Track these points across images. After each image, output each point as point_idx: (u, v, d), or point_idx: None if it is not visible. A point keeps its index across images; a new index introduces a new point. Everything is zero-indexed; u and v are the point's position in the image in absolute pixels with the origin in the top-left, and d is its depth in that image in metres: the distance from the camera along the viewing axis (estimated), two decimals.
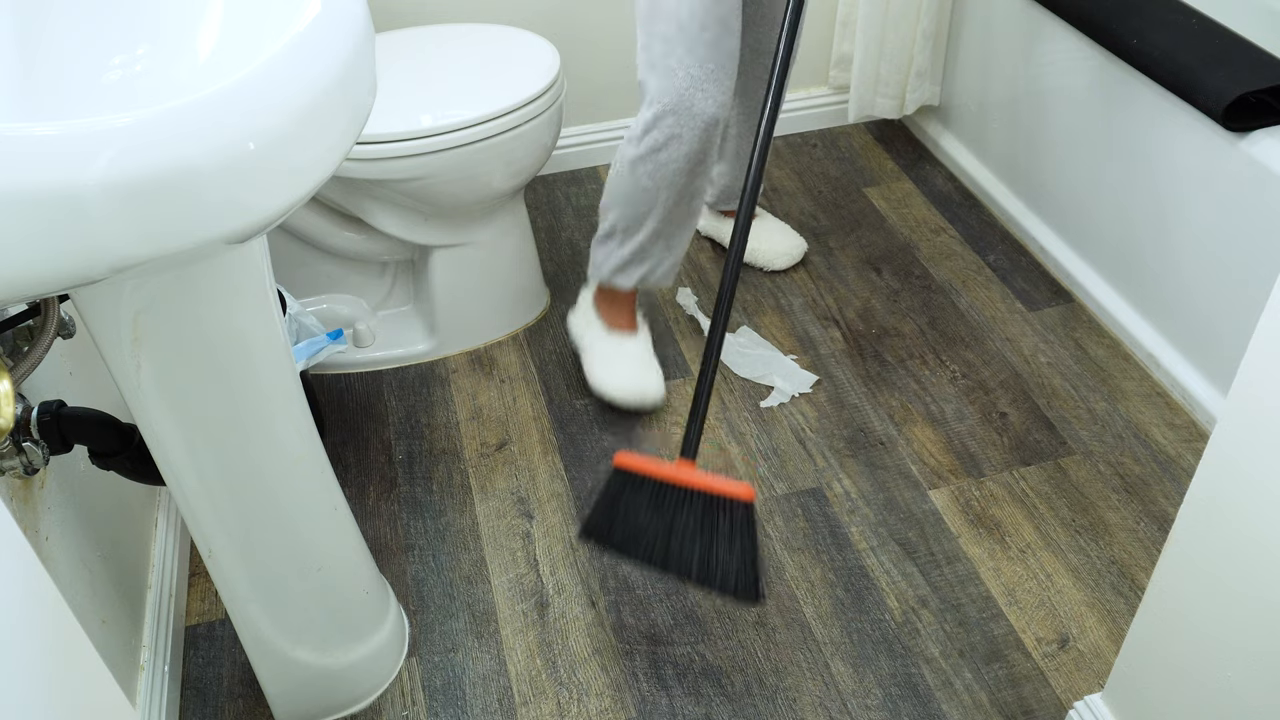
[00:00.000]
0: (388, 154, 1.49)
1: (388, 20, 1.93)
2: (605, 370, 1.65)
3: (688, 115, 1.42)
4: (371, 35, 0.85)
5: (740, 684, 1.31)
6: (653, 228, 1.54)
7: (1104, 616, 1.37)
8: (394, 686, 1.32)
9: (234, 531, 1.08)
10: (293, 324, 1.46)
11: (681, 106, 1.41)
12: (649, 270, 1.60)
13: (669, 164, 1.46)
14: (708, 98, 1.41)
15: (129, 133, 0.64)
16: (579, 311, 1.73)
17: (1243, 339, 1.44)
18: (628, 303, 1.67)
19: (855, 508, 1.51)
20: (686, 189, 1.50)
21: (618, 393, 1.64)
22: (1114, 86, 1.66)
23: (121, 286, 0.85)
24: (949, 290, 1.88)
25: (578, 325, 1.73)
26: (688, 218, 1.55)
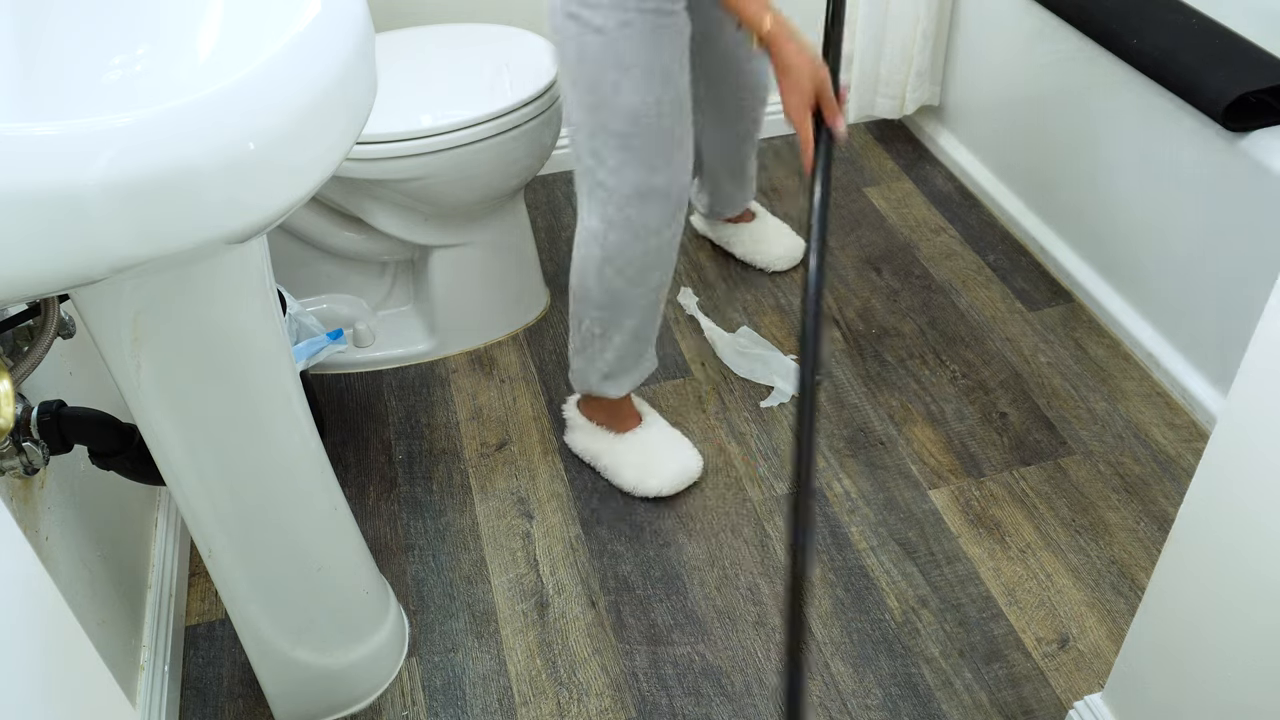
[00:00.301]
0: (388, 154, 1.49)
1: (388, 20, 1.93)
2: (639, 473, 1.52)
3: (656, 204, 1.31)
4: (371, 35, 0.85)
5: (740, 684, 1.31)
6: (633, 327, 1.43)
7: (1104, 616, 1.37)
8: (394, 686, 1.32)
9: (234, 531, 1.08)
10: (293, 324, 1.46)
11: (648, 198, 1.30)
12: (639, 371, 1.50)
13: (640, 259, 1.35)
14: (673, 182, 1.30)
15: (129, 133, 0.64)
16: (575, 429, 1.59)
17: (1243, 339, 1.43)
18: (622, 400, 1.55)
19: (855, 508, 1.51)
20: (663, 278, 1.40)
21: (665, 488, 1.52)
22: (1114, 86, 1.66)
23: (121, 286, 0.85)
24: (949, 290, 1.88)
25: (581, 441, 1.58)
26: (663, 301, 1.45)
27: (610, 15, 1.19)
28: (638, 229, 1.32)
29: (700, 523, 1.50)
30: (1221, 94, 1.44)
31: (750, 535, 1.48)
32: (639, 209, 1.31)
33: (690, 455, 1.54)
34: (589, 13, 1.19)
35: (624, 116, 1.24)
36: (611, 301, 1.39)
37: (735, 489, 1.55)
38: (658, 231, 1.34)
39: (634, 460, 1.53)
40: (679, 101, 1.27)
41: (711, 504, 1.53)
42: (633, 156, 1.27)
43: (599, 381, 1.49)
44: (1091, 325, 1.80)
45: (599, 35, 1.20)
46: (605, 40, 1.20)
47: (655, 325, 1.47)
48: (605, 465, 1.55)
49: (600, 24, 1.19)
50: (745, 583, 1.42)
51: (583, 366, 1.50)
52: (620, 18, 1.19)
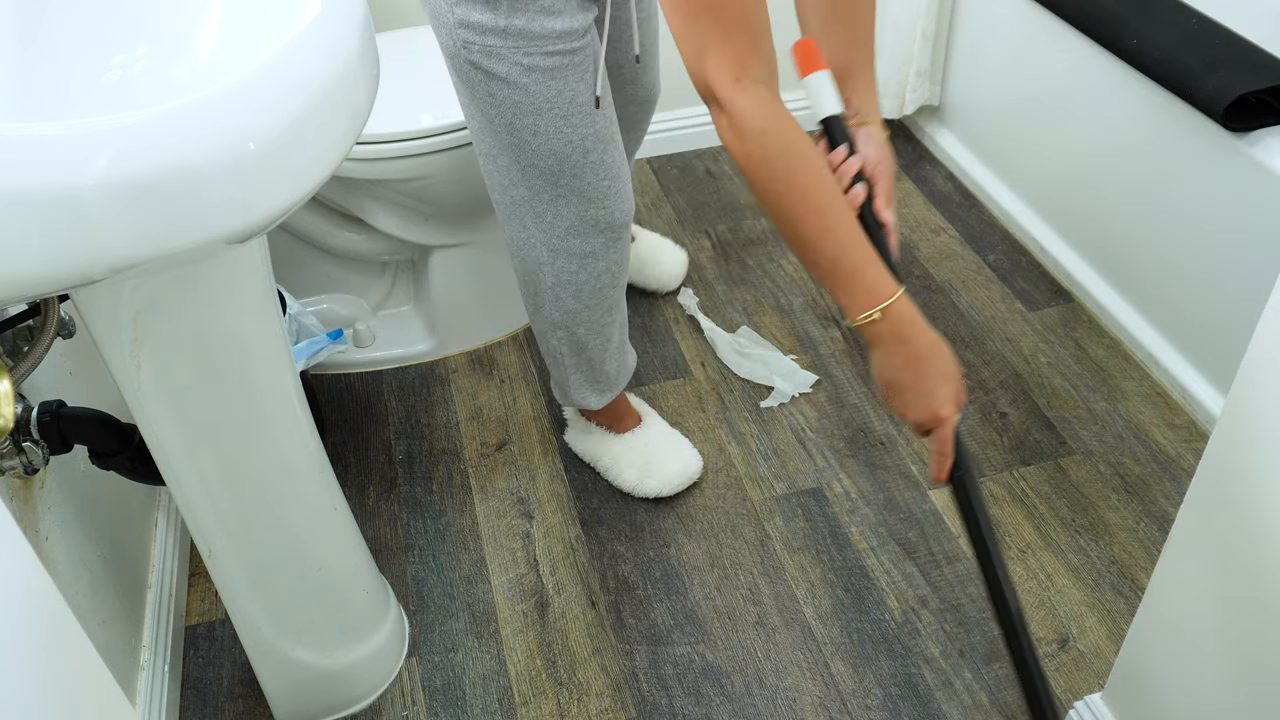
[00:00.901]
0: (388, 154, 1.49)
1: (388, 20, 1.93)
2: (639, 472, 1.52)
3: (605, 230, 1.27)
4: (372, 35, 0.85)
5: (740, 684, 1.31)
6: (599, 345, 1.41)
7: (1104, 616, 1.37)
8: (394, 686, 1.32)
9: (234, 531, 1.08)
10: (293, 324, 1.46)
11: (594, 228, 1.26)
12: (619, 379, 1.48)
13: (591, 283, 1.32)
14: (614, 210, 1.26)
15: (129, 133, 0.64)
16: (575, 429, 1.58)
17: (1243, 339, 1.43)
18: (618, 400, 1.53)
19: (855, 508, 1.51)
20: (618, 294, 1.37)
21: (665, 488, 1.51)
22: (1114, 86, 1.66)
23: (121, 286, 0.85)
24: (949, 290, 1.88)
25: (580, 442, 1.58)
26: (621, 310, 1.41)
27: (513, 63, 1.12)
28: (583, 257, 1.29)
29: (700, 523, 1.50)
30: (1221, 94, 1.44)
31: (750, 535, 1.48)
32: (581, 239, 1.27)
33: (690, 455, 1.54)
34: (491, 62, 1.12)
35: (549, 158, 1.19)
36: (570, 321, 1.36)
37: (735, 489, 1.55)
38: (603, 256, 1.30)
39: (634, 460, 1.53)
40: (604, 133, 1.21)
41: (711, 504, 1.53)
42: (566, 192, 1.22)
43: (578, 397, 1.48)
44: (1091, 325, 1.80)
45: (505, 84, 1.14)
46: (513, 88, 1.14)
47: (623, 326, 1.44)
48: (605, 466, 1.55)
49: (505, 73, 1.13)
50: (745, 583, 1.42)
51: (560, 381, 1.48)
52: (524, 63, 1.12)
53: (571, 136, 1.18)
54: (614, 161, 1.24)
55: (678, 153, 2.27)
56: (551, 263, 1.30)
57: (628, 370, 1.49)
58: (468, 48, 1.12)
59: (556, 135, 1.17)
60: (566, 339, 1.39)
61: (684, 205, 2.12)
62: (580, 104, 1.17)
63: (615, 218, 1.27)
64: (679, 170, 2.22)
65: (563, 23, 1.12)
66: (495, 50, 1.12)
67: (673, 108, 2.22)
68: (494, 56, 1.12)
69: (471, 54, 1.13)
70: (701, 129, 2.26)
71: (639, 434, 1.54)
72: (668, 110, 2.22)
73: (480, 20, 1.10)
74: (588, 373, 1.44)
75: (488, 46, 1.11)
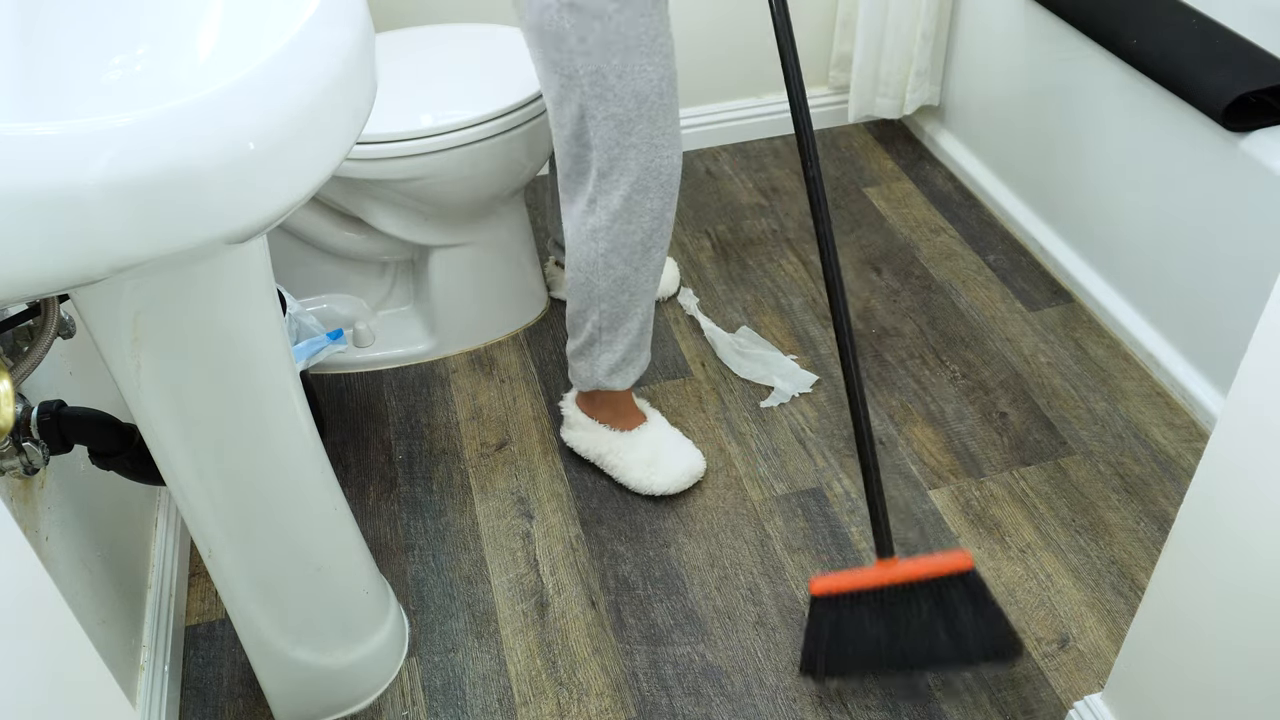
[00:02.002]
0: (388, 154, 1.49)
1: (388, 20, 1.93)
2: (644, 471, 1.52)
3: (665, 182, 1.31)
4: (371, 35, 0.85)
5: (740, 684, 1.31)
6: (640, 312, 1.43)
7: (1104, 616, 1.37)
8: (394, 686, 1.32)
9: (234, 531, 1.08)
10: (293, 324, 1.46)
11: (655, 179, 1.30)
12: (642, 360, 1.49)
13: (644, 241, 1.35)
14: (673, 156, 1.31)
15: (129, 133, 0.64)
16: (576, 427, 1.58)
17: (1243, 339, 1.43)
18: (626, 393, 1.54)
19: (855, 508, 1.51)
20: (664, 255, 1.40)
21: (671, 487, 1.51)
22: (1114, 86, 1.66)
23: (121, 286, 0.85)
24: (949, 290, 1.88)
25: (582, 440, 1.57)
26: (657, 286, 1.44)
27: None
28: (641, 213, 1.32)
29: (700, 523, 1.50)
30: (1221, 94, 1.44)
31: (750, 535, 1.48)
32: (643, 193, 1.31)
33: (695, 454, 1.54)
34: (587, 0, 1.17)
35: (630, 100, 1.24)
36: (618, 290, 1.39)
37: (735, 489, 1.55)
38: (660, 213, 1.34)
39: (640, 457, 1.53)
40: (674, 75, 1.27)
41: (711, 504, 1.53)
42: (637, 141, 1.27)
43: (606, 376, 1.48)
44: (1091, 325, 1.80)
45: (599, 20, 1.18)
46: (607, 24, 1.19)
47: (653, 311, 1.47)
48: (610, 463, 1.55)
49: (600, 8, 1.17)
50: (745, 583, 1.42)
51: (586, 369, 1.49)
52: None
53: (653, 75, 1.23)
54: (677, 106, 1.30)
55: None
56: (610, 226, 1.33)
57: (648, 357, 1.51)
58: None
59: (640, 74, 1.23)
60: (610, 311, 1.41)
61: (684, 205, 2.12)
62: (661, 41, 1.23)
63: (673, 165, 1.32)
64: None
65: None
66: None
67: None
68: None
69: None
70: (702, 129, 2.27)
71: (645, 431, 1.55)
72: None
73: None
74: (621, 350, 1.46)
75: None
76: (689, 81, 2.19)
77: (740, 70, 2.24)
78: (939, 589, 1.21)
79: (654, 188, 1.31)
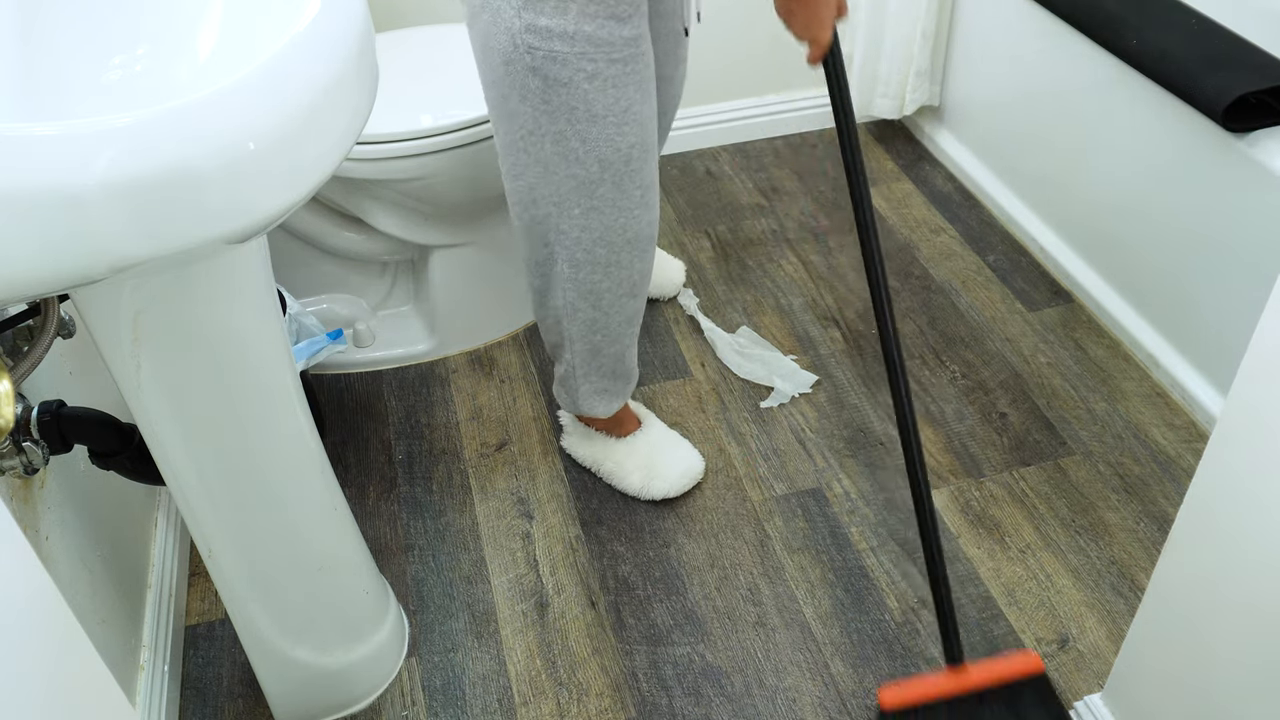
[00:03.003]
0: (388, 154, 1.49)
1: (388, 20, 1.93)
2: (643, 475, 1.51)
3: (631, 241, 1.26)
4: (372, 35, 0.85)
5: (740, 684, 1.31)
6: (615, 352, 1.40)
7: (1104, 616, 1.37)
8: (394, 686, 1.32)
9: (234, 531, 1.08)
10: (293, 324, 1.46)
11: (620, 238, 1.25)
12: (627, 388, 1.47)
13: (613, 292, 1.31)
14: (642, 221, 1.26)
15: (129, 133, 0.64)
16: (573, 435, 1.57)
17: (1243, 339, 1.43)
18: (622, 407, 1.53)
19: (855, 508, 1.51)
20: (640, 304, 1.38)
21: (671, 491, 1.51)
22: (1114, 86, 1.66)
23: (121, 286, 0.85)
24: (949, 290, 1.88)
25: (579, 447, 1.57)
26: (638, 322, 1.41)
27: (577, 69, 1.12)
28: (609, 266, 1.28)
29: (700, 523, 1.50)
30: (1221, 94, 1.44)
31: (750, 535, 1.48)
32: (608, 249, 1.26)
33: (693, 456, 1.54)
34: (555, 68, 1.12)
35: (593, 165, 1.19)
36: (589, 332, 1.36)
37: (735, 489, 1.55)
38: (630, 266, 1.30)
39: (638, 464, 1.52)
40: (649, 142, 1.22)
41: (711, 504, 1.53)
42: (600, 204, 1.22)
43: (587, 405, 1.47)
44: (1091, 325, 1.80)
45: (566, 89, 1.13)
46: (573, 93, 1.14)
47: (636, 336, 1.43)
48: (608, 470, 1.54)
49: (567, 79, 1.12)
50: (745, 583, 1.42)
51: (568, 393, 1.47)
52: (589, 69, 1.12)
53: (620, 144, 1.18)
54: (652, 171, 1.24)
55: (678, 153, 2.27)
56: (575, 277, 1.29)
57: (633, 382, 1.49)
58: (532, 53, 1.11)
59: (607, 143, 1.17)
60: (584, 350, 1.38)
61: (684, 205, 2.12)
62: (634, 112, 1.18)
63: (644, 229, 1.27)
64: (679, 170, 2.22)
65: (629, 29, 1.13)
66: (560, 56, 1.11)
67: None
68: (558, 62, 1.12)
69: (535, 59, 1.12)
70: (702, 129, 2.26)
71: (640, 437, 1.54)
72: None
73: (549, 25, 1.10)
74: (599, 383, 1.44)
75: (553, 52, 1.11)
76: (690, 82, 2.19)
77: (741, 70, 2.24)
78: (1012, 694, 1.17)
79: (620, 245, 1.26)
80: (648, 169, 1.23)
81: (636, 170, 1.21)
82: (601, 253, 1.26)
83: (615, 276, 1.30)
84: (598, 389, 1.45)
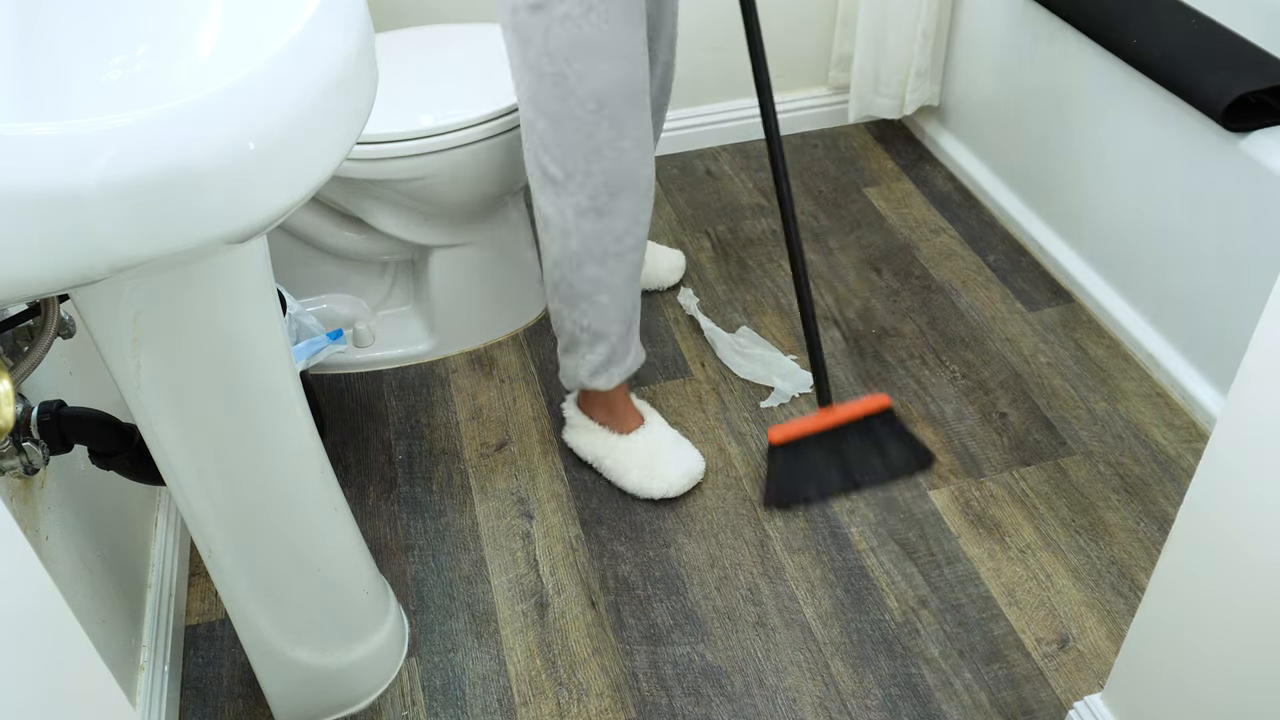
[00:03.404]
0: (388, 154, 1.49)
1: (388, 20, 1.93)
2: (643, 474, 1.52)
3: (633, 186, 1.31)
4: (371, 35, 0.85)
5: (740, 684, 1.31)
6: (621, 317, 1.43)
7: (1104, 616, 1.37)
8: (394, 686, 1.32)
9: (234, 531, 1.08)
10: (293, 324, 1.46)
11: (622, 183, 1.30)
12: (630, 360, 1.50)
13: (616, 244, 1.35)
14: (640, 163, 1.31)
15: (129, 133, 0.64)
16: (575, 428, 1.58)
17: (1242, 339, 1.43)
18: (621, 395, 1.54)
19: (855, 508, 1.51)
20: (640, 257, 1.41)
21: (670, 489, 1.52)
22: (1114, 86, 1.67)
23: (121, 286, 0.85)
24: (949, 290, 1.88)
25: (582, 441, 1.58)
26: (638, 283, 1.44)
27: (576, 1, 1.19)
28: (610, 215, 1.33)
29: (700, 523, 1.50)
30: (1221, 94, 1.44)
31: (750, 535, 1.48)
32: (611, 196, 1.31)
33: (694, 456, 1.54)
34: (555, 2, 1.19)
35: (590, 102, 1.24)
36: (594, 290, 1.39)
37: (735, 489, 1.55)
38: (632, 216, 1.34)
39: (638, 461, 1.52)
40: (641, 82, 1.27)
41: (711, 504, 1.53)
42: (601, 143, 1.27)
43: (589, 377, 1.49)
44: (1091, 325, 1.80)
45: (565, 23, 1.20)
46: (572, 27, 1.20)
47: (638, 308, 1.47)
48: (608, 466, 1.55)
49: (566, 11, 1.19)
50: (745, 583, 1.42)
51: (572, 367, 1.49)
52: (587, 2, 1.19)
53: (613, 76, 1.24)
54: (645, 119, 1.30)
55: (678, 153, 2.27)
56: (578, 226, 1.34)
57: (638, 357, 1.52)
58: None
59: (600, 76, 1.23)
60: (588, 312, 1.42)
61: (684, 205, 2.12)
62: (628, 47, 1.24)
63: (640, 171, 1.32)
64: (679, 170, 2.22)
65: None
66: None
67: (673, 108, 2.22)
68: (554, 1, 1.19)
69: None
70: (701, 129, 2.27)
71: (643, 434, 1.54)
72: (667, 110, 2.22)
73: None
74: (604, 352, 1.46)
75: None
76: (690, 81, 2.19)
77: (741, 70, 2.23)
78: (868, 425, 1.53)
79: (622, 192, 1.31)
80: (642, 114, 1.29)
81: (633, 110, 1.28)
82: (604, 200, 1.31)
83: (616, 227, 1.34)
84: (603, 359, 1.47)
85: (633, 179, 1.31)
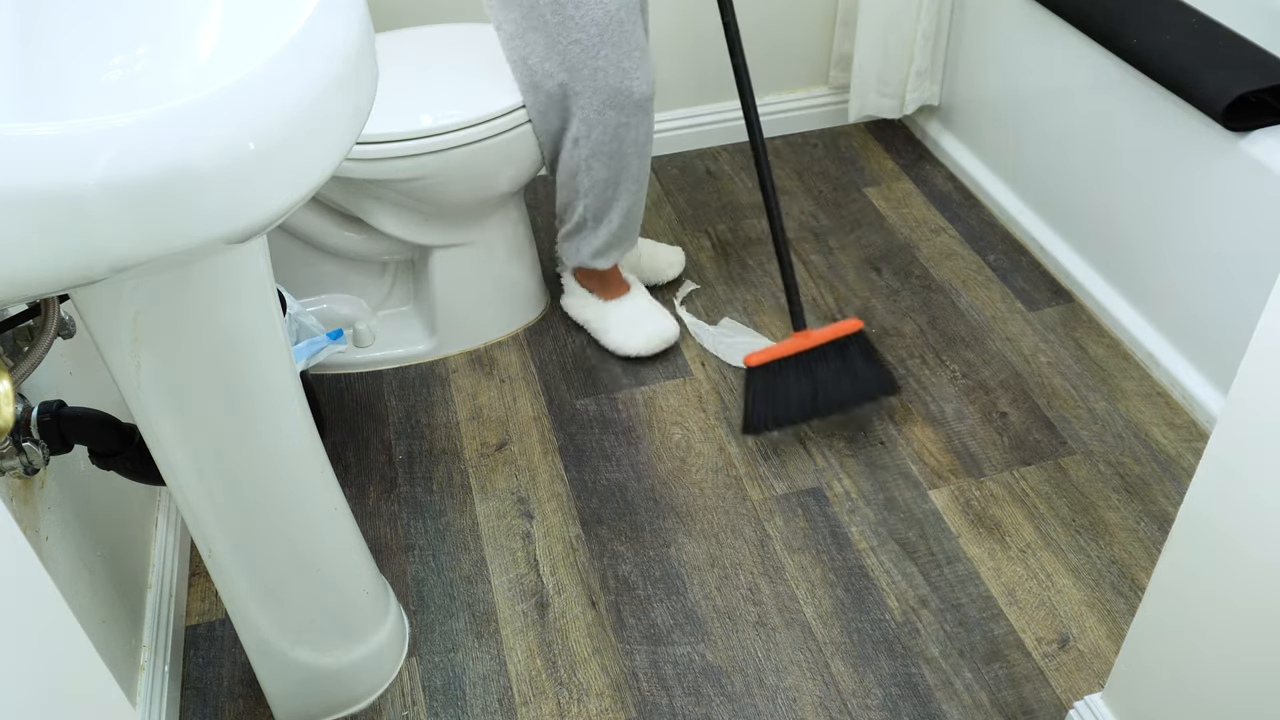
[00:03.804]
0: (388, 154, 1.49)
1: (388, 20, 1.93)
2: (621, 333, 1.73)
3: (638, 103, 1.47)
4: (371, 35, 0.85)
5: (740, 684, 1.31)
6: (625, 207, 1.60)
7: (1104, 616, 1.37)
8: (394, 686, 1.32)
9: (234, 531, 1.08)
10: (293, 324, 1.46)
11: (627, 99, 1.46)
12: (629, 243, 1.67)
13: (622, 152, 1.52)
14: (641, 82, 1.46)
15: (129, 133, 0.64)
16: (571, 295, 1.79)
17: (1243, 339, 1.44)
18: (613, 270, 1.74)
19: (855, 508, 1.51)
20: (644, 163, 1.56)
21: (641, 348, 1.72)
22: (1114, 86, 1.67)
23: (121, 286, 0.85)
24: (949, 290, 1.88)
25: (575, 306, 1.79)
26: (645, 180, 1.61)
27: None
28: (617, 128, 1.49)
29: (700, 523, 1.50)
30: (1221, 94, 1.44)
31: (750, 535, 1.48)
32: (616, 110, 1.47)
33: (668, 323, 1.73)
34: None
35: (591, 28, 1.39)
36: (603, 187, 1.56)
37: (735, 489, 1.55)
38: (637, 127, 1.50)
39: (618, 324, 1.73)
40: (636, 4, 1.41)
41: (712, 504, 1.53)
42: (604, 62, 1.42)
43: (590, 259, 1.67)
44: (1091, 325, 1.80)
45: None
46: None
47: (642, 196, 1.62)
48: (595, 328, 1.76)
49: None
50: (745, 583, 1.42)
51: (572, 251, 1.68)
52: None
53: (610, 4, 1.38)
54: (641, 37, 1.45)
55: (678, 153, 2.27)
56: (588, 135, 1.50)
57: (635, 239, 1.69)
58: None
59: (598, 4, 1.38)
60: (594, 204, 1.60)
61: (684, 205, 2.12)
62: None
63: (644, 88, 1.47)
64: (679, 170, 2.22)
65: None
66: None
67: (673, 107, 2.22)
68: None
69: None
70: (701, 129, 2.26)
71: (625, 301, 1.75)
72: (667, 110, 2.22)
73: None
74: (605, 237, 1.64)
75: None
76: (690, 81, 2.19)
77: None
78: (841, 348, 1.59)
79: (628, 107, 1.47)
80: (638, 31, 1.44)
81: (630, 32, 1.42)
82: (611, 114, 1.47)
83: (624, 136, 1.50)
84: (604, 243, 1.65)
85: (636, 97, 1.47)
